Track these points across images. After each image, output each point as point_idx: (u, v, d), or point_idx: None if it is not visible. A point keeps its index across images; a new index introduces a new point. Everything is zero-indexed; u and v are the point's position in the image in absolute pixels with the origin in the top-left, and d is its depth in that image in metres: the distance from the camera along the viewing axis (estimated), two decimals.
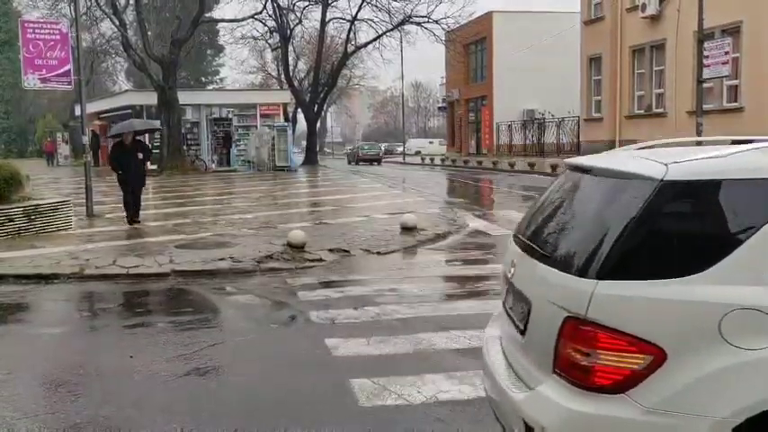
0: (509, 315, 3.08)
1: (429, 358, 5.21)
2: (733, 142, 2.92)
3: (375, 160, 43.99)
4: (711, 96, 22.08)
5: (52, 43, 13.73)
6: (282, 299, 7.41)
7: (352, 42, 40.24)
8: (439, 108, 62.13)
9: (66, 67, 13.92)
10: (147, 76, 31.28)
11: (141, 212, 13.20)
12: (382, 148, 50.99)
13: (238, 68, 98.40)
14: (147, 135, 16.50)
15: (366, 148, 47.83)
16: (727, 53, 16.80)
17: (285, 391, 4.67)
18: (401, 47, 41.76)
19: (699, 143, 3.87)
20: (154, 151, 32.85)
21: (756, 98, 20.48)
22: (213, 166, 31.78)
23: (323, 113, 57.03)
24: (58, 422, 4.18)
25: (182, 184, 23.77)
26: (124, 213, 12.94)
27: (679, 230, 2.36)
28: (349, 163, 44.88)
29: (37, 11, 32.78)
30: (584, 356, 2.33)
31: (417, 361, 5.15)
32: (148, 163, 13.51)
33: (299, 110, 44.23)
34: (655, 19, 25.22)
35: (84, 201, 14.13)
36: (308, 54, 49.22)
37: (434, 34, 38.03)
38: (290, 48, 42.86)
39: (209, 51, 59.01)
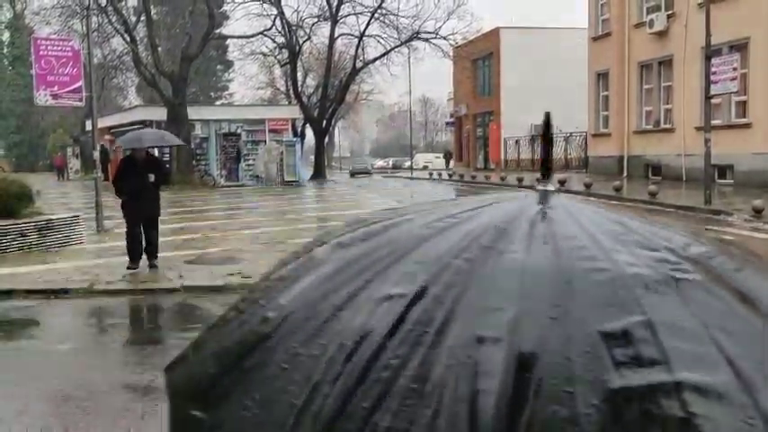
0: None
1: None
2: None
3: (366, 172, 52.10)
4: (719, 112, 22.07)
5: (64, 60, 13.88)
6: None
7: (361, 58, 40.50)
8: (446, 123, 62.29)
9: (78, 84, 14.06)
10: (157, 91, 31.56)
11: (164, 237, 12.99)
12: (371, 164, 63.90)
13: (247, 84, 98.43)
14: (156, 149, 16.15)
15: (358, 163, 59.59)
16: (735, 69, 16.79)
17: None
18: (409, 62, 41.98)
19: None
20: None
21: (765, 113, 20.46)
22: (222, 181, 31.92)
23: (331, 128, 57.27)
24: None
25: (191, 199, 23.88)
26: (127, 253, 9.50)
27: None
28: (350, 176, 50.79)
29: (49, 27, 33.21)
30: None
31: None
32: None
33: (308, 125, 44.46)
34: (662, 35, 25.28)
35: (95, 216, 14.23)
36: (317, 70, 49.55)
37: (442, 50, 38.26)
38: (299, 63, 43.14)
39: (218, 67, 59.45)
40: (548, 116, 0.82)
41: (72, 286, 8.60)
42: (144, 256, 9.60)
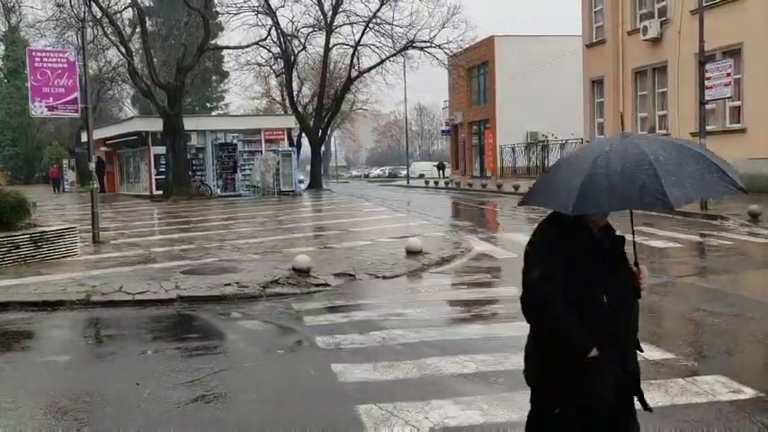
0: None
1: (435, 383, 5.19)
2: None
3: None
4: (714, 117, 22.14)
5: (59, 71, 13.86)
6: (288, 324, 7.40)
7: (356, 67, 40.59)
8: (442, 131, 62.37)
9: (74, 95, 14.03)
10: (152, 102, 31.56)
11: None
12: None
13: (243, 94, 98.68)
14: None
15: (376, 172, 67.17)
16: (728, 74, 16.87)
17: (292, 418, 4.65)
18: (404, 71, 42.09)
19: None
20: (158, 177, 33.32)
21: (759, 119, 20.53)
22: (218, 191, 31.88)
23: (327, 138, 57.31)
24: None
25: (187, 209, 23.85)
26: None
27: None
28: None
29: (44, 39, 33.24)
30: None
31: (424, 386, 5.13)
32: None
33: (304, 134, 44.51)
34: (656, 41, 25.38)
35: (90, 227, 14.20)
36: (312, 79, 49.62)
37: (437, 59, 38.36)
38: (294, 73, 43.22)
39: (214, 78, 59.46)
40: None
41: (68, 298, 8.57)
42: None
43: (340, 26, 39.75)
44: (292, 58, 40.81)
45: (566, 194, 2.69)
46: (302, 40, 40.33)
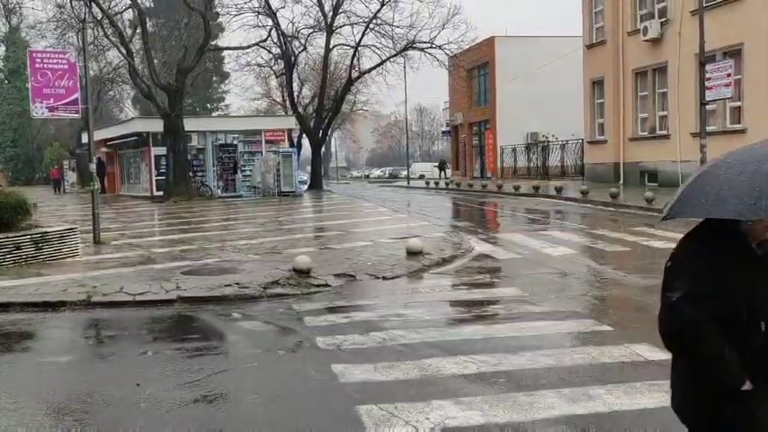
0: None
1: (436, 384, 5.19)
2: None
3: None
4: (714, 118, 22.15)
5: (60, 72, 13.87)
6: (289, 325, 7.41)
7: (356, 68, 40.57)
8: (443, 132, 62.41)
9: (74, 96, 14.04)
10: (153, 103, 31.58)
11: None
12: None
13: (243, 95, 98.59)
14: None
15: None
16: (729, 75, 16.90)
17: (292, 419, 4.66)
18: (404, 72, 42.08)
19: None
20: (159, 178, 33.36)
21: (759, 119, 20.53)
22: (219, 192, 31.89)
23: (327, 139, 57.32)
24: None
25: (187, 210, 23.85)
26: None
27: None
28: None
29: (44, 40, 33.27)
30: None
31: (424, 386, 5.13)
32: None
33: (304, 135, 44.52)
34: (656, 42, 25.40)
35: (91, 228, 14.20)
36: (313, 80, 49.63)
37: (437, 59, 38.36)
38: (295, 74, 43.23)
39: (214, 78, 59.51)
40: None
41: (69, 299, 8.57)
42: None
43: (340, 27, 39.77)
44: (293, 58, 40.81)
45: (737, 199, 2.33)
46: (302, 41, 40.33)
